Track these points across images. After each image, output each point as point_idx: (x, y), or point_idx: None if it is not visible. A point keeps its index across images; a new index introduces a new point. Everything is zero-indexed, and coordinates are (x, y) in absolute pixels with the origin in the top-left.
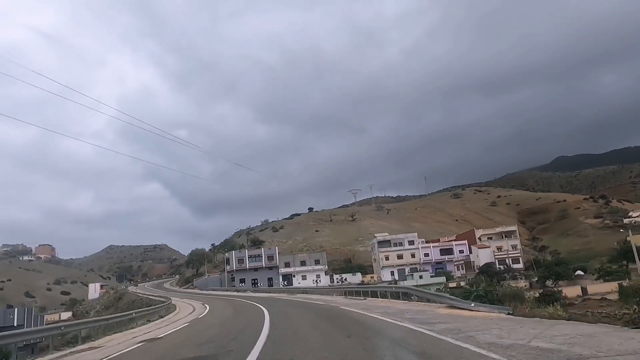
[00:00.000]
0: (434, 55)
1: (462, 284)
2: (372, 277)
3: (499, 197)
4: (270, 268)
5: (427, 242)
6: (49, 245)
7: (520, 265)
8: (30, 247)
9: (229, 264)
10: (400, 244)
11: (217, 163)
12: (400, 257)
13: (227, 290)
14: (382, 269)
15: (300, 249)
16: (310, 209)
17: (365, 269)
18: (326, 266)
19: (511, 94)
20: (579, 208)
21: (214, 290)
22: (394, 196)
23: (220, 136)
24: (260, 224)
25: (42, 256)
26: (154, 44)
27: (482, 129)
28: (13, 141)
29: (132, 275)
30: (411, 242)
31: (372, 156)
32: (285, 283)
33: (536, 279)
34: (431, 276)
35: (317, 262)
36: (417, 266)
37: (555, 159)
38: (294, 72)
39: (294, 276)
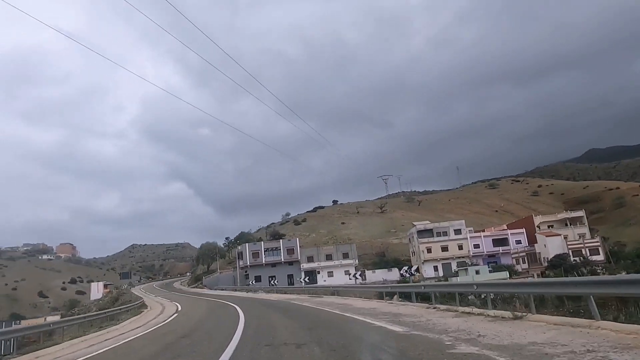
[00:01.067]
0: (462, 44)
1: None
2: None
3: (540, 186)
4: (291, 263)
5: (475, 231)
6: (69, 244)
7: (601, 257)
8: (52, 246)
9: (242, 259)
10: (445, 234)
11: (240, 160)
12: (444, 249)
13: (235, 290)
14: (422, 263)
15: (325, 242)
16: (335, 202)
17: (402, 264)
18: (356, 260)
19: (542, 82)
20: (638, 195)
21: (222, 289)
22: (420, 191)
23: (242, 134)
24: (280, 219)
25: (62, 255)
26: (174, 39)
27: (511, 120)
28: (39, 143)
29: (154, 273)
30: (457, 232)
31: (397, 151)
32: (307, 280)
33: (624, 273)
34: (489, 271)
35: (345, 255)
36: (466, 259)
37: (587, 152)
38: (316, 65)
39: (319, 272)
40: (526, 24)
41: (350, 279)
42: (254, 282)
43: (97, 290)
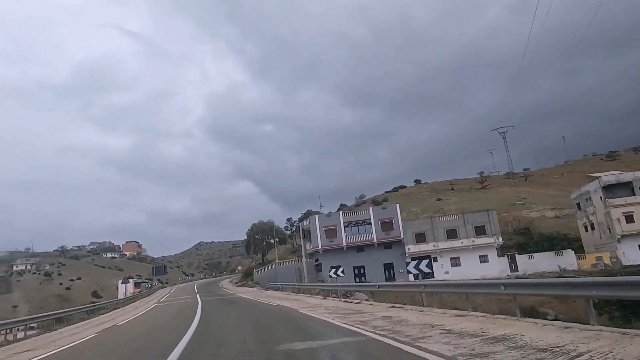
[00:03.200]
0: (546, 9)
1: None
2: (597, 260)
3: None
4: (388, 245)
5: None
6: (135, 242)
7: None
8: (118, 244)
9: (310, 241)
10: None
11: (304, 155)
12: None
13: (299, 292)
14: (618, 240)
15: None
16: (418, 181)
17: (562, 244)
18: (499, 239)
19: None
20: None
21: (278, 289)
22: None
23: (305, 126)
24: (354, 201)
25: (128, 253)
26: (232, 30)
27: (604, 95)
28: (114, 148)
29: (220, 271)
30: None
31: (470, 135)
32: (424, 270)
33: None
34: None
35: (479, 231)
36: None
37: None
38: (382, 46)
39: (435, 259)
40: None
41: (490, 269)
42: (332, 276)
43: (125, 290)
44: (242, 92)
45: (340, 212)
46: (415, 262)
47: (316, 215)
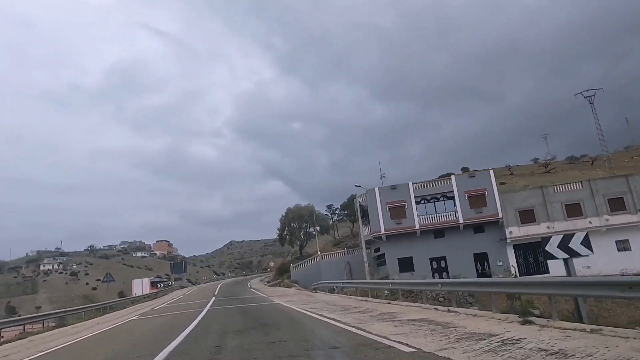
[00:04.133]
0: None
1: None
2: None
3: None
4: (479, 228)
5: None
6: (166, 241)
7: None
8: (149, 243)
9: (368, 224)
10: None
11: (334, 152)
12: None
13: (365, 299)
14: None
15: None
16: (466, 169)
17: None
18: None
19: None
20: None
21: (333, 290)
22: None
23: (335, 122)
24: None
25: (158, 252)
26: (259, 24)
27: None
28: (148, 150)
29: (252, 270)
30: None
31: (509, 127)
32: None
33: None
34: None
35: (615, 205)
36: None
37: None
38: (414, 35)
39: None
40: None
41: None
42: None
43: (141, 288)
44: (270, 90)
45: (410, 184)
46: (560, 238)
47: (376, 188)
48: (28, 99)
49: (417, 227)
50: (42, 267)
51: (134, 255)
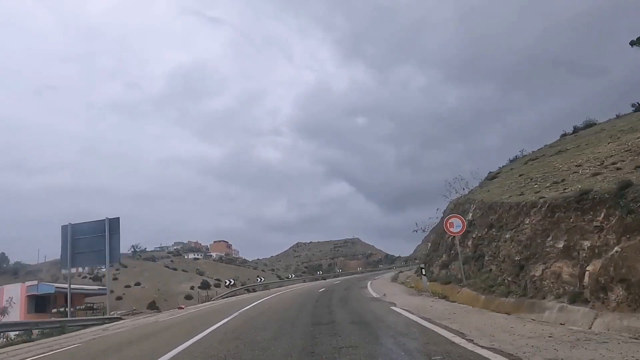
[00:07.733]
0: None
1: None
2: None
3: None
4: None
5: None
6: (224, 241)
7: None
8: (206, 244)
9: None
10: None
11: (402, 147)
12: None
13: None
14: None
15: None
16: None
17: None
18: None
19: None
20: None
21: None
22: None
23: (403, 113)
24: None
25: (214, 254)
26: (318, 3)
27: None
28: (212, 156)
29: (321, 273)
30: None
31: (615, 106)
32: None
33: None
34: None
35: None
36: None
37: None
38: (497, 2)
39: None
40: None
41: None
42: None
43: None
44: (331, 82)
45: None
46: None
47: None
48: (98, 109)
49: None
50: (63, 271)
51: (186, 257)
